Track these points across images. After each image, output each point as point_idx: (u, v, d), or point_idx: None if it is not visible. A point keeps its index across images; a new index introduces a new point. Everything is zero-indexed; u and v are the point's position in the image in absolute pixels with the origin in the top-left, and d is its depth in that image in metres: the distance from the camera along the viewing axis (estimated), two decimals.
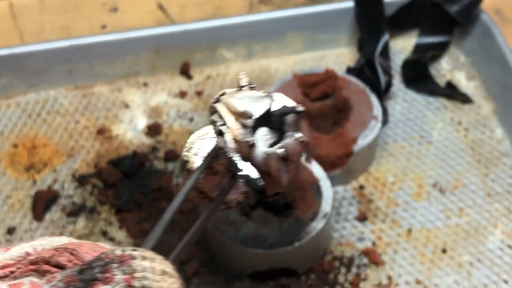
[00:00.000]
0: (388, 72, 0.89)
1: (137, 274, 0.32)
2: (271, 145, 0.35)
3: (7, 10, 0.97)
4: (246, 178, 0.35)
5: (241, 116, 0.34)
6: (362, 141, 0.81)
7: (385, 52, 0.90)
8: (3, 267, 0.35)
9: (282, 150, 0.35)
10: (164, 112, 0.90)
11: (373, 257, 0.77)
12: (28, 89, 0.91)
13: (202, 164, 0.37)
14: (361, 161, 0.83)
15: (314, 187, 0.75)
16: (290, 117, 0.35)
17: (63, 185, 0.83)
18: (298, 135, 0.35)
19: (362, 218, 0.80)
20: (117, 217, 0.80)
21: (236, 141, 0.35)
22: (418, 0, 0.94)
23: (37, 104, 0.90)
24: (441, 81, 0.93)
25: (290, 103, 0.35)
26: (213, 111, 0.36)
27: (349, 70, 0.92)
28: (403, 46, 0.97)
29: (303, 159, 0.78)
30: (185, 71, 0.93)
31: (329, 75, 0.86)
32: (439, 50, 0.95)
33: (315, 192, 0.75)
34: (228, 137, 0.35)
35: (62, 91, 0.92)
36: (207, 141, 0.37)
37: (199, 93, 0.92)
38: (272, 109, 0.35)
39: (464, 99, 0.91)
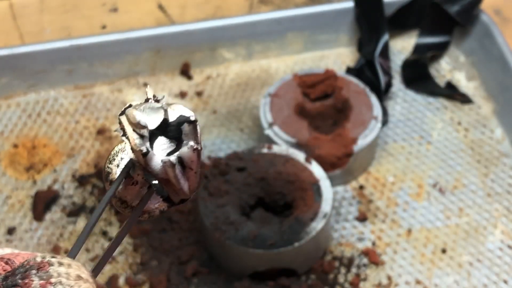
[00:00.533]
0: (388, 72, 0.89)
1: (52, 280, 0.34)
2: (169, 154, 0.38)
3: (7, 10, 0.97)
4: (155, 186, 0.38)
5: (137, 126, 0.37)
6: (362, 141, 0.81)
7: (385, 52, 0.90)
8: None
9: (174, 157, 0.37)
10: None
11: (373, 257, 0.77)
12: (28, 89, 0.91)
13: (120, 175, 0.39)
14: (361, 161, 0.83)
15: (314, 187, 0.75)
16: (186, 127, 0.37)
17: (63, 185, 0.83)
18: (191, 143, 0.37)
19: (362, 218, 0.80)
20: (117, 217, 0.80)
21: (133, 150, 0.37)
22: (418, 0, 0.94)
23: (37, 104, 0.90)
24: (441, 81, 0.93)
25: (188, 112, 0.38)
26: (119, 122, 0.38)
27: (349, 70, 0.92)
28: (403, 46, 0.97)
29: (303, 159, 0.78)
30: (185, 71, 0.93)
31: (329, 75, 0.86)
32: (439, 50, 0.95)
33: (315, 192, 0.75)
34: (128, 147, 0.37)
35: (62, 91, 0.92)
36: (129, 155, 0.40)
37: (199, 94, 0.92)
38: (170, 119, 0.37)
39: (464, 99, 0.91)
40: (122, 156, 0.40)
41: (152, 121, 0.37)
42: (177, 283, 0.75)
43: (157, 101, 0.38)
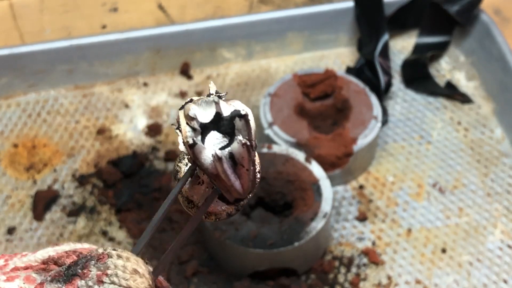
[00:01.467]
0: (388, 72, 0.89)
1: (109, 271, 0.34)
2: (221, 149, 0.36)
3: (8, 10, 0.97)
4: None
5: (189, 119, 0.35)
6: (362, 141, 0.81)
7: (385, 52, 0.90)
8: (25, 268, 0.38)
9: (222, 151, 0.36)
10: (164, 112, 0.90)
11: (373, 257, 0.77)
12: (28, 89, 0.91)
13: (186, 173, 0.38)
14: (361, 161, 0.83)
15: (314, 187, 0.75)
16: (238, 121, 0.35)
17: (63, 185, 0.83)
18: (240, 138, 0.35)
19: (362, 218, 0.80)
20: (117, 217, 0.80)
21: (184, 143, 0.36)
22: (418, 0, 0.94)
23: (37, 104, 0.90)
24: (441, 81, 0.93)
25: (242, 107, 0.36)
26: (177, 116, 0.37)
27: (349, 70, 0.92)
28: (403, 46, 0.97)
29: (303, 159, 0.78)
30: (185, 71, 0.93)
31: (329, 75, 0.86)
32: (439, 50, 0.95)
33: (315, 192, 0.75)
34: (180, 140, 0.36)
35: (62, 91, 0.92)
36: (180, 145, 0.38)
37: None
38: (224, 114, 0.36)
39: (464, 99, 0.91)
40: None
41: (205, 114, 0.36)
42: (177, 283, 0.75)
43: (219, 97, 0.37)
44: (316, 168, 0.77)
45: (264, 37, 0.94)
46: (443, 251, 0.77)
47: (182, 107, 0.37)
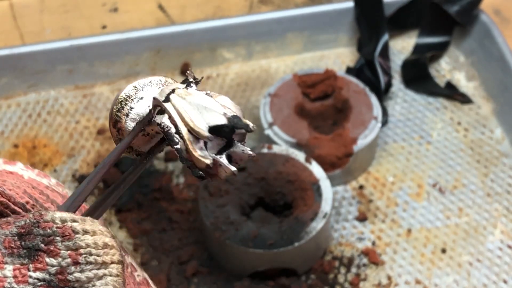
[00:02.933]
0: (387, 72, 0.89)
1: (81, 250, 0.34)
2: (220, 151, 0.37)
3: (8, 10, 0.97)
4: (197, 174, 0.37)
5: (195, 131, 0.36)
6: (362, 141, 0.81)
7: (385, 52, 0.90)
8: None
9: (234, 168, 0.36)
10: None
11: (372, 257, 0.77)
12: (28, 89, 0.91)
13: (135, 130, 0.39)
14: (361, 161, 0.83)
15: (314, 187, 0.75)
16: (240, 131, 0.36)
17: (63, 185, 0.83)
18: (249, 151, 0.36)
19: (362, 218, 0.80)
20: (117, 217, 0.80)
21: (193, 157, 0.37)
22: (418, 0, 0.94)
23: (37, 104, 0.91)
24: (441, 81, 0.93)
25: (237, 110, 0.37)
26: (156, 105, 0.37)
27: (349, 70, 0.92)
28: (403, 46, 0.97)
29: (303, 159, 0.78)
30: (185, 71, 0.93)
31: (329, 75, 0.86)
32: (439, 50, 0.95)
33: (315, 192, 0.75)
34: (182, 146, 0.36)
35: (63, 91, 0.92)
36: (138, 104, 0.39)
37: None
38: (225, 122, 0.36)
39: (464, 99, 0.91)
40: (132, 106, 0.39)
41: (202, 121, 0.36)
42: (177, 283, 0.75)
43: (196, 83, 0.37)
44: (316, 168, 0.77)
45: (264, 37, 0.94)
46: (443, 251, 0.78)
47: (166, 99, 0.37)
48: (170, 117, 0.36)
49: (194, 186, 0.82)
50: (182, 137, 0.36)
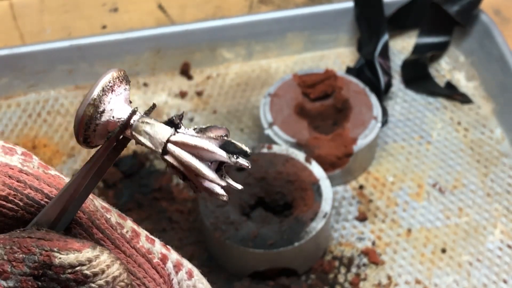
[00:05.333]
0: (387, 72, 0.89)
1: None
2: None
3: (8, 10, 0.97)
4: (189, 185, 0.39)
5: (207, 178, 0.38)
6: (362, 141, 0.81)
7: (385, 52, 0.90)
8: None
9: (241, 186, 0.39)
10: (164, 112, 0.90)
11: (372, 257, 0.77)
12: (28, 89, 0.91)
13: (107, 147, 0.40)
14: (361, 161, 0.83)
15: (314, 187, 0.76)
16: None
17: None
18: (243, 162, 0.38)
19: (361, 218, 0.80)
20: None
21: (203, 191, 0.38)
22: (418, 0, 0.94)
23: (37, 104, 0.91)
24: (441, 81, 0.93)
25: (225, 132, 0.38)
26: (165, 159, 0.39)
27: (349, 70, 0.92)
28: (402, 46, 0.97)
29: (303, 159, 0.78)
30: (185, 71, 0.93)
31: (329, 75, 0.86)
32: (439, 50, 0.95)
33: (315, 192, 0.75)
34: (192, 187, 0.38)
35: (63, 91, 0.92)
36: (102, 118, 0.40)
37: (199, 94, 0.92)
38: (226, 159, 0.39)
39: (464, 99, 0.91)
40: (97, 123, 0.41)
41: (209, 170, 0.38)
42: None
43: (180, 119, 0.39)
44: (316, 168, 0.77)
45: (264, 37, 0.94)
46: (443, 251, 0.78)
47: (164, 151, 0.39)
48: (175, 168, 0.38)
49: None
50: (193, 183, 0.38)
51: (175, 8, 0.99)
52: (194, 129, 0.39)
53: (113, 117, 0.40)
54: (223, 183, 0.37)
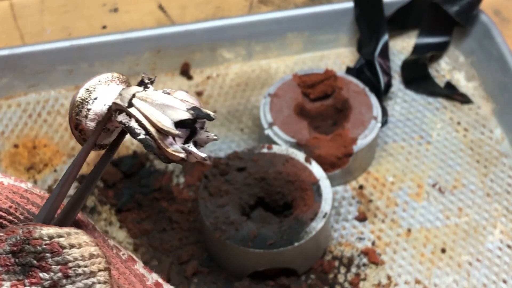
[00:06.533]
0: (387, 73, 0.90)
1: (70, 264, 0.37)
2: (185, 140, 0.40)
3: (8, 11, 0.97)
4: (163, 160, 0.41)
5: (164, 131, 0.39)
6: (362, 141, 0.81)
7: (385, 53, 0.91)
8: None
9: (204, 154, 0.40)
10: None
11: (372, 257, 0.77)
12: (28, 90, 0.91)
13: (96, 130, 0.42)
14: (361, 161, 0.83)
15: (314, 187, 0.76)
16: (201, 120, 0.41)
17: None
18: (213, 136, 0.41)
19: (361, 218, 0.80)
20: (117, 217, 0.80)
21: (166, 152, 0.40)
22: (417, 0, 0.94)
23: (37, 104, 0.91)
24: (441, 82, 0.93)
25: (195, 101, 0.40)
26: (119, 109, 0.40)
27: (349, 71, 0.92)
28: (402, 46, 0.97)
29: (303, 159, 0.78)
30: (185, 72, 0.94)
31: (328, 75, 0.86)
32: (439, 50, 0.95)
33: (315, 192, 0.75)
34: (152, 144, 0.39)
35: (63, 92, 0.92)
36: (94, 104, 0.41)
37: (199, 94, 0.92)
38: (188, 116, 0.40)
39: (464, 99, 0.91)
40: (89, 107, 0.42)
41: (166, 120, 0.39)
42: (177, 283, 0.75)
43: (152, 82, 0.40)
44: (316, 168, 0.77)
45: (264, 37, 0.94)
46: (443, 251, 0.78)
47: (128, 105, 0.40)
48: (137, 121, 0.39)
49: (194, 186, 0.82)
50: (153, 137, 0.39)
51: (175, 8, 0.99)
52: (163, 90, 0.40)
53: (104, 105, 0.41)
54: (177, 132, 0.38)
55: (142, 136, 0.39)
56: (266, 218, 0.77)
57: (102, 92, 0.42)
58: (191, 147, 0.40)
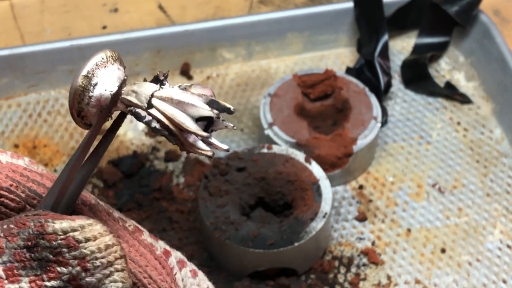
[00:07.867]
0: (387, 73, 0.90)
1: (88, 257, 0.37)
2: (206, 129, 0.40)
3: (8, 11, 0.97)
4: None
5: (190, 133, 0.39)
6: (362, 141, 0.81)
7: (385, 53, 0.91)
8: None
9: (226, 146, 0.41)
10: None
11: (372, 257, 0.77)
12: (28, 90, 0.91)
13: (102, 117, 0.42)
14: (361, 161, 0.83)
15: (314, 187, 0.76)
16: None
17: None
18: (230, 124, 0.40)
19: (361, 218, 0.80)
20: None
21: (189, 147, 0.40)
22: (417, 0, 0.94)
23: (37, 104, 0.91)
24: (441, 82, 0.93)
25: (210, 92, 0.40)
26: (134, 106, 0.39)
27: (349, 71, 0.92)
28: (402, 46, 0.97)
29: (303, 159, 0.78)
30: (185, 72, 0.94)
31: (328, 75, 0.86)
32: (439, 50, 0.95)
33: (315, 192, 0.75)
34: (175, 141, 0.39)
35: (63, 92, 0.92)
36: (95, 90, 0.42)
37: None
38: (210, 114, 0.40)
39: (463, 99, 0.91)
40: (90, 95, 0.42)
41: (194, 115, 0.39)
42: None
43: (166, 77, 0.39)
44: (316, 168, 0.77)
45: (264, 37, 0.94)
46: (443, 251, 0.78)
47: (148, 105, 0.40)
48: (159, 121, 0.39)
49: (194, 186, 0.82)
50: (175, 135, 0.39)
51: (175, 8, 0.99)
52: (179, 86, 0.40)
53: (105, 90, 0.41)
54: (205, 134, 0.38)
55: (147, 119, 0.39)
56: (266, 218, 0.77)
57: (101, 76, 0.42)
58: (212, 139, 0.40)
